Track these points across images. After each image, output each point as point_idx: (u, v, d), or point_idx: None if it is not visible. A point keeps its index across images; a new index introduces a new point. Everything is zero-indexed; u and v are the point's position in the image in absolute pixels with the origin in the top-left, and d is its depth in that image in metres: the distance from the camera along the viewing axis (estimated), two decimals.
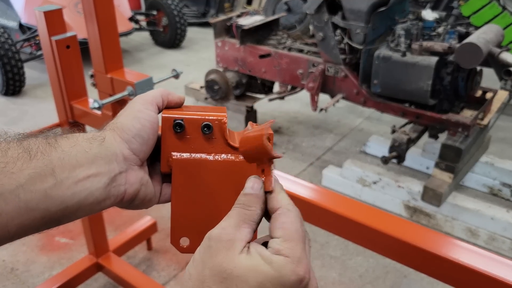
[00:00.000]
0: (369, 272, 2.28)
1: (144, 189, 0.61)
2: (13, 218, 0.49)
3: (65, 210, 0.53)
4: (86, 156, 0.55)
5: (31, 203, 0.49)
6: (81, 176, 0.54)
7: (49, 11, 1.51)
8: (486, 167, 2.88)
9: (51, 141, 0.54)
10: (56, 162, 0.52)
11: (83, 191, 0.54)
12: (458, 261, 0.92)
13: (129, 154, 0.59)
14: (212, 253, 0.47)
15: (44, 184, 0.51)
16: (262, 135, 0.56)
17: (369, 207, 1.12)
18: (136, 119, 0.59)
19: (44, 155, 0.52)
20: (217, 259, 0.47)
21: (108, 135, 0.58)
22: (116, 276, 2.06)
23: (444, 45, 2.45)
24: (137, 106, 0.61)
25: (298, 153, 3.37)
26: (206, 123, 0.60)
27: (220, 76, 3.30)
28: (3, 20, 4.91)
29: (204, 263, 0.47)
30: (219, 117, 0.61)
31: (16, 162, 0.49)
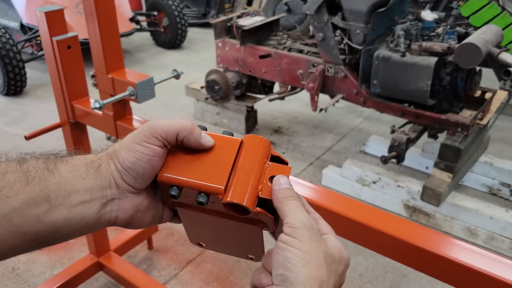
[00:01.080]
0: (368, 271, 2.28)
1: (141, 214, 0.61)
2: (5, 241, 0.50)
3: (57, 233, 0.55)
4: (82, 182, 0.55)
5: (24, 227, 0.51)
6: (74, 202, 0.55)
7: (50, 11, 1.52)
8: (485, 166, 2.88)
9: (50, 165, 0.55)
10: (52, 187, 0.53)
11: (76, 216, 0.55)
12: (457, 261, 0.93)
13: (122, 184, 0.58)
14: (318, 239, 0.53)
15: (38, 209, 0.52)
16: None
17: (369, 207, 1.12)
18: (132, 153, 0.57)
19: (41, 180, 0.53)
20: (323, 244, 0.54)
21: (104, 162, 0.58)
22: (117, 276, 2.06)
23: (443, 45, 2.46)
24: (139, 136, 0.58)
25: (298, 153, 3.38)
26: (199, 200, 0.57)
27: (220, 76, 3.31)
28: (5, 20, 4.92)
29: (317, 248, 0.52)
30: (217, 185, 0.57)
31: (13, 186, 0.50)
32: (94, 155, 0.59)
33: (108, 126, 1.63)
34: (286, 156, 3.32)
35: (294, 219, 0.54)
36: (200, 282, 2.21)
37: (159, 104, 3.98)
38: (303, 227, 0.53)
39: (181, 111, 4.05)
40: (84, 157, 0.58)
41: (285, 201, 0.56)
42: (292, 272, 0.50)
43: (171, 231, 2.53)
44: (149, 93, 1.52)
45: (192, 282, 2.21)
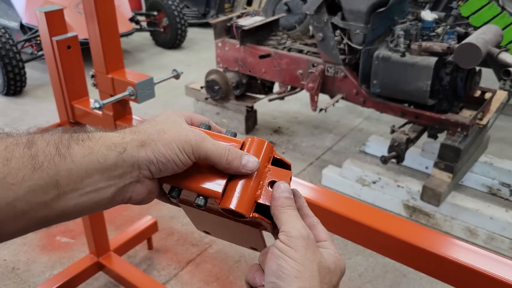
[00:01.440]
0: (368, 271, 2.28)
1: (151, 196, 0.61)
2: (8, 225, 0.48)
3: (65, 217, 0.53)
4: (98, 166, 0.52)
5: (30, 213, 0.49)
6: (88, 189, 0.52)
7: (50, 11, 1.52)
8: (485, 166, 2.88)
9: (62, 149, 0.51)
10: (63, 173, 0.50)
11: (88, 201, 0.53)
12: (457, 261, 0.93)
13: (146, 171, 0.56)
14: (313, 250, 0.53)
15: (45, 196, 0.49)
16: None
17: (369, 207, 1.12)
18: (171, 151, 0.55)
19: (50, 165, 0.49)
20: (318, 255, 0.53)
21: (131, 147, 0.54)
22: (117, 276, 2.06)
23: (443, 45, 2.46)
24: (182, 145, 0.56)
25: (298, 153, 3.38)
26: (197, 203, 0.57)
27: (220, 76, 3.31)
28: (4, 20, 4.92)
29: (311, 260, 0.52)
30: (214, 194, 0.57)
31: (18, 173, 0.47)
32: (118, 135, 0.55)
33: (108, 126, 1.63)
34: (286, 156, 3.32)
35: (291, 228, 0.53)
36: (200, 282, 2.21)
37: (159, 104, 3.98)
38: (300, 236, 0.52)
39: (180, 111, 4.04)
40: (105, 138, 0.54)
41: (283, 210, 0.55)
42: (284, 282, 0.49)
43: (171, 231, 2.53)
44: (149, 93, 1.52)
45: (192, 282, 2.21)
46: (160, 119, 0.59)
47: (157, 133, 0.56)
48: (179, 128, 0.57)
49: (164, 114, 0.61)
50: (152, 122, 0.58)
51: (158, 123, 0.58)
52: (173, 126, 0.57)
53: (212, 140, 0.57)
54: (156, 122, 0.58)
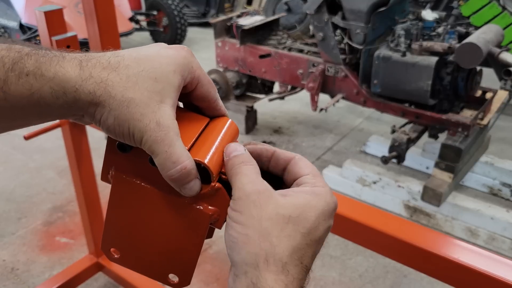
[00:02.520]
0: (369, 271, 2.28)
1: None
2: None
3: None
4: (36, 110, 0.46)
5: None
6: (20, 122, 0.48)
7: (49, 11, 1.51)
8: (486, 167, 2.88)
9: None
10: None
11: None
12: (458, 261, 0.92)
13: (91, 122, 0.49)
14: (261, 205, 0.46)
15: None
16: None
17: (369, 207, 1.12)
18: (121, 128, 0.46)
19: None
20: (269, 208, 0.46)
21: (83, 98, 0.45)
22: (117, 276, 2.06)
23: (444, 45, 2.46)
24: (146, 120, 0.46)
25: (298, 153, 3.36)
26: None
27: (220, 76, 3.30)
28: (4, 20, 4.92)
29: (259, 217, 0.45)
30: None
31: None
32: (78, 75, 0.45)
33: None
34: None
35: (237, 188, 0.47)
36: (200, 282, 2.21)
37: None
38: (244, 195, 0.46)
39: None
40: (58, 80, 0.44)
41: (235, 169, 0.49)
42: (234, 251, 0.45)
43: None
44: None
45: (192, 283, 2.19)
46: (142, 73, 0.47)
47: (119, 101, 0.46)
48: (146, 109, 0.46)
49: (155, 59, 0.48)
50: (129, 76, 0.47)
51: (133, 85, 0.46)
52: (144, 101, 0.46)
53: (169, 145, 0.46)
54: (131, 80, 0.47)
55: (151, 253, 0.55)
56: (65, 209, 2.72)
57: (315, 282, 2.20)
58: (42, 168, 3.12)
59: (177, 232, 0.52)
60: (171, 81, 0.48)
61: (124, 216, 0.54)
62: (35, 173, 3.06)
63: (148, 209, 0.52)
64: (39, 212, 2.69)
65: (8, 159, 3.25)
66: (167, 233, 0.52)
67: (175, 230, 0.52)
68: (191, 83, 0.51)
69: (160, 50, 0.50)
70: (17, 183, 2.97)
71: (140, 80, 0.47)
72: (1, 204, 2.76)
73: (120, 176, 0.52)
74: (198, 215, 0.50)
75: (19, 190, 2.90)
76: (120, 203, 0.54)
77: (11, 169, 3.13)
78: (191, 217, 0.51)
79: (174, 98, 0.49)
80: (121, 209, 0.54)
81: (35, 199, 2.81)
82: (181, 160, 0.47)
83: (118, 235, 0.55)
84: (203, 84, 0.52)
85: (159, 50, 0.49)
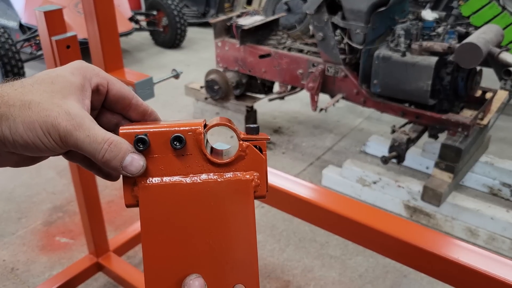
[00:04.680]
0: (369, 271, 2.28)
1: (28, 162, 0.52)
2: None
3: None
4: None
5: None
6: None
7: (49, 11, 1.51)
8: (486, 167, 2.88)
9: None
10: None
11: None
12: (458, 261, 0.92)
13: (4, 148, 0.46)
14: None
15: None
16: None
17: (369, 207, 1.12)
18: (33, 132, 0.44)
19: None
20: None
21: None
22: (117, 276, 2.06)
23: (444, 45, 2.46)
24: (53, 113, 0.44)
25: (298, 153, 3.37)
26: (176, 135, 0.46)
27: (220, 76, 3.30)
28: (3, 20, 4.91)
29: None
30: (194, 126, 0.47)
31: None
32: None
33: None
34: (286, 156, 3.32)
35: None
36: None
37: (158, 104, 3.97)
38: None
39: (180, 111, 4.04)
40: None
41: None
42: None
43: None
44: (148, 93, 1.52)
45: None
46: (37, 81, 0.46)
47: (20, 106, 0.44)
48: (50, 105, 0.44)
49: (48, 72, 0.48)
50: (24, 85, 0.46)
51: (29, 89, 0.45)
52: (46, 99, 0.45)
53: (89, 129, 0.45)
54: (27, 87, 0.45)
55: (207, 267, 0.48)
56: (65, 209, 2.72)
57: (315, 282, 2.20)
58: (42, 168, 3.12)
59: (226, 224, 0.47)
60: (69, 80, 0.47)
61: (165, 237, 0.47)
62: (35, 173, 3.06)
63: (190, 213, 0.47)
64: (39, 212, 2.69)
65: None
66: (218, 232, 0.47)
67: (225, 222, 0.47)
68: (102, 84, 0.51)
69: (55, 68, 0.50)
70: (17, 183, 2.97)
71: (36, 86, 0.46)
72: (1, 204, 2.76)
73: (146, 185, 0.47)
74: (238, 187, 0.47)
75: (19, 190, 2.90)
76: (155, 219, 0.47)
77: (11, 169, 3.13)
78: (234, 194, 0.47)
79: (78, 96, 0.47)
80: (159, 230, 0.47)
81: (35, 199, 2.81)
82: (106, 137, 0.45)
83: (161, 268, 0.47)
84: (114, 82, 0.52)
85: (54, 69, 0.50)
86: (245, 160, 0.47)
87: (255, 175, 0.48)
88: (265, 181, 0.48)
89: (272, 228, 2.56)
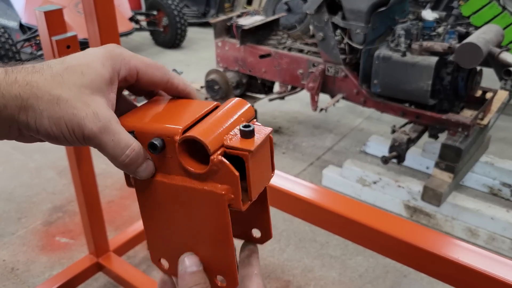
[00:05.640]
0: (369, 271, 2.28)
1: None
2: None
3: None
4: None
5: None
6: None
7: (49, 11, 1.51)
8: (486, 167, 2.88)
9: None
10: None
11: None
12: (458, 261, 0.92)
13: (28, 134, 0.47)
14: None
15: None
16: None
17: (369, 207, 1.12)
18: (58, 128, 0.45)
19: None
20: None
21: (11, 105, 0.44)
22: (117, 276, 2.06)
23: (444, 45, 2.46)
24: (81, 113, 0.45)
25: (298, 153, 3.37)
26: (151, 142, 0.47)
27: (220, 76, 3.30)
28: (4, 20, 4.92)
29: None
30: (173, 130, 0.47)
31: None
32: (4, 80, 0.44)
33: None
34: (286, 156, 3.32)
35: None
36: None
37: None
38: None
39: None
40: None
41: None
42: None
43: None
44: None
45: None
46: (67, 70, 0.46)
47: (48, 101, 0.44)
48: (79, 103, 0.45)
49: (79, 58, 0.48)
50: (54, 74, 0.45)
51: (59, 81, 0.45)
52: (74, 95, 0.45)
53: (114, 133, 0.46)
54: (57, 78, 0.45)
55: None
56: (65, 209, 2.72)
57: (315, 282, 2.20)
58: (42, 168, 3.12)
59: (205, 225, 0.50)
60: (99, 72, 0.47)
61: (157, 221, 0.53)
62: (35, 173, 3.06)
63: (174, 207, 0.51)
64: (39, 212, 2.69)
65: (8, 159, 3.25)
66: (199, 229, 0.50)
67: (203, 223, 0.50)
68: (130, 75, 0.50)
69: (87, 50, 0.49)
70: (17, 183, 2.97)
71: (65, 76, 0.45)
72: (1, 204, 2.76)
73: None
74: (213, 198, 0.47)
75: (19, 190, 2.90)
76: (147, 203, 0.52)
77: (11, 169, 3.13)
78: (209, 203, 0.48)
79: (106, 90, 0.47)
80: (150, 211, 0.52)
81: (35, 199, 2.81)
82: (129, 144, 0.47)
83: (160, 243, 0.54)
84: (145, 71, 0.51)
85: (85, 51, 0.49)
86: (219, 173, 0.47)
87: (228, 189, 0.47)
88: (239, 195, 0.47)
89: (272, 228, 2.55)
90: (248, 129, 0.47)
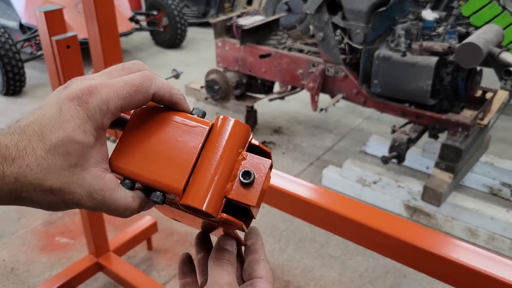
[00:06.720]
0: (369, 271, 2.28)
1: None
2: None
3: None
4: None
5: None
6: None
7: (49, 11, 1.51)
8: (486, 167, 2.88)
9: None
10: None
11: None
12: (458, 261, 0.92)
13: None
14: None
15: None
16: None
17: (369, 207, 1.12)
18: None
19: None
20: None
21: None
22: (116, 276, 2.06)
23: (444, 45, 2.46)
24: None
25: (298, 153, 3.37)
26: (153, 200, 0.49)
27: (220, 76, 3.30)
28: (4, 20, 4.91)
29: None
30: (174, 187, 0.48)
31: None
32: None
33: None
34: (286, 156, 3.32)
35: (213, 283, 0.52)
36: None
37: None
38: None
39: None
40: None
41: (217, 261, 0.54)
42: None
43: (170, 232, 2.53)
44: None
45: None
46: (50, 151, 0.44)
47: (42, 192, 0.45)
48: (72, 187, 0.46)
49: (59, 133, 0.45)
50: (39, 162, 0.44)
51: (46, 168, 0.44)
52: (66, 180, 0.45)
53: (111, 204, 0.48)
54: (43, 165, 0.44)
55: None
56: None
57: (315, 282, 2.20)
58: None
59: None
60: (85, 143, 0.45)
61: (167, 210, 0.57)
62: None
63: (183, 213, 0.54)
64: (39, 212, 2.69)
65: None
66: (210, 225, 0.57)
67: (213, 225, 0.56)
68: (114, 116, 0.48)
69: (62, 108, 0.45)
70: None
71: (51, 161, 0.44)
72: None
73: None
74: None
75: None
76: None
77: None
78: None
79: (96, 153, 0.47)
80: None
81: None
82: (127, 206, 0.49)
83: (172, 214, 0.60)
84: (126, 104, 0.49)
85: (60, 110, 0.45)
86: (225, 222, 0.51)
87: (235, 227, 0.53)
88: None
89: (272, 228, 2.56)
90: (247, 181, 0.48)
